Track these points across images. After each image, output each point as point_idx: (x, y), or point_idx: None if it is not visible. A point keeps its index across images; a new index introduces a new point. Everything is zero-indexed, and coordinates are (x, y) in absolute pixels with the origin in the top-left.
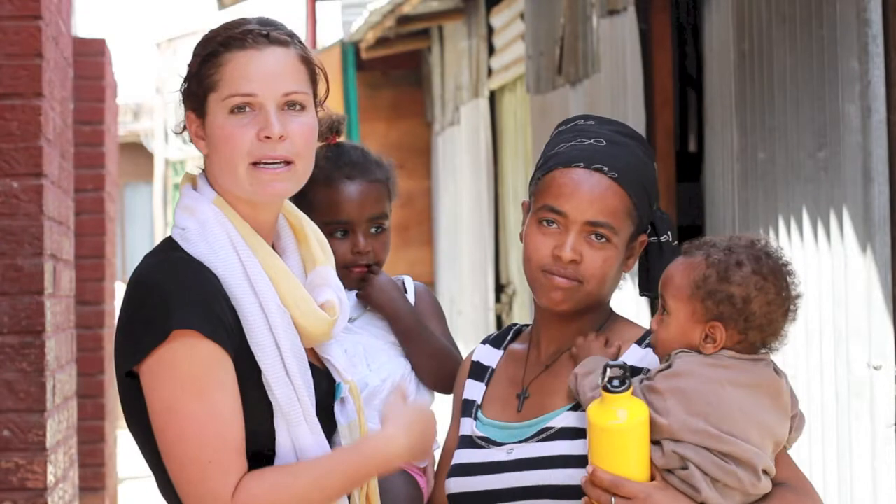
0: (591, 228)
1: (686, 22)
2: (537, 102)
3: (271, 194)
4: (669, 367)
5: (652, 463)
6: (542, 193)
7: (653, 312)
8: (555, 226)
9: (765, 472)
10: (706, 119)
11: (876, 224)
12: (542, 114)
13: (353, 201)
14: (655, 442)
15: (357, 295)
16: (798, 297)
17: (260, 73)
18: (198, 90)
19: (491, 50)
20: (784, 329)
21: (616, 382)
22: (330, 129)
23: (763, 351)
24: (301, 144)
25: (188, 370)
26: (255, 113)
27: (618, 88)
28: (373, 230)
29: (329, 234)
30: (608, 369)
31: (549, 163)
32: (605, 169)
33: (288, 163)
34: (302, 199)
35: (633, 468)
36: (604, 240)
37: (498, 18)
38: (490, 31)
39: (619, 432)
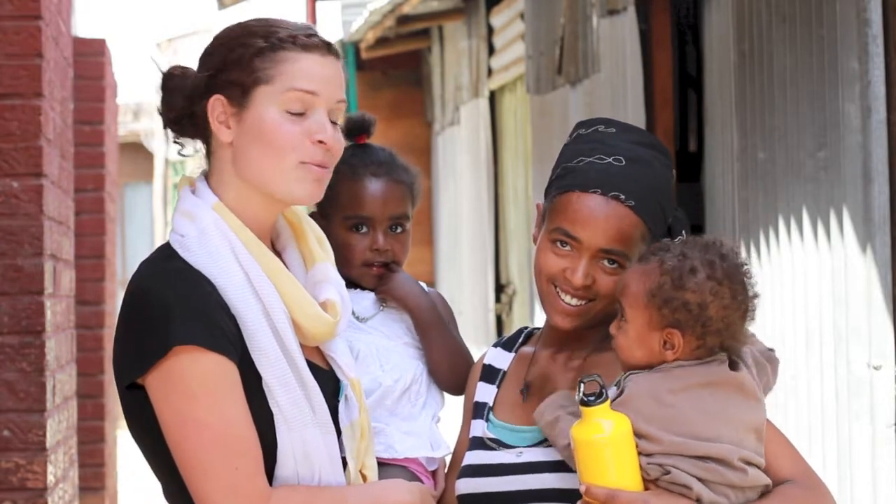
0: (603, 255)
1: (686, 22)
2: (537, 102)
3: (312, 196)
4: (621, 393)
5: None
6: (557, 215)
7: None
8: (568, 248)
9: (749, 463)
10: (706, 119)
11: (876, 224)
12: (542, 114)
13: (377, 198)
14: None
15: (378, 290)
16: (755, 297)
17: (324, 77)
18: (244, 80)
19: (491, 50)
20: (742, 331)
21: (592, 396)
22: (360, 129)
23: (721, 354)
24: (336, 153)
25: (198, 382)
26: (309, 115)
27: (618, 88)
28: (393, 229)
29: (349, 229)
30: (583, 384)
31: (566, 180)
32: (623, 197)
33: (328, 168)
34: (326, 193)
35: (625, 479)
36: (616, 265)
37: (498, 18)
38: (490, 31)
39: (606, 444)
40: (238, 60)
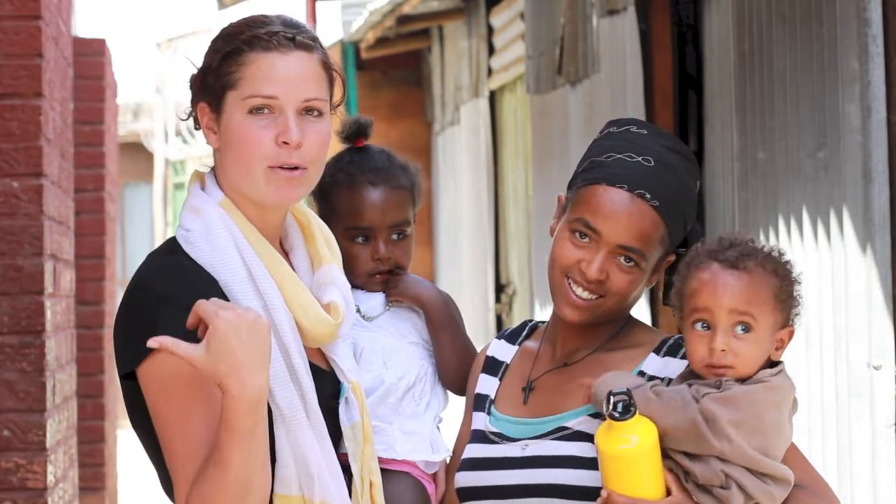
0: (621, 251)
1: (686, 22)
2: (537, 102)
3: (284, 199)
4: (719, 389)
5: (669, 476)
6: (581, 206)
7: (652, 309)
8: (587, 240)
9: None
10: (706, 119)
11: (876, 224)
12: (542, 114)
13: (376, 207)
14: (697, 456)
15: (390, 293)
16: None
17: (283, 77)
18: (215, 85)
19: (491, 50)
20: None
21: (621, 409)
22: (357, 133)
23: None
24: (316, 151)
25: (173, 380)
26: (274, 116)
27: (618, 88)
28: (394, 237)
29: (351, 240)
30: (612, 397)
31: (592, 173)
32: (648, 196)
33: (302, 169)
34: (325, 203)
35: (647, 489)
36: (632, 263)
37: (498, 18)
38: (490, 30)
39: (631, 457)
40: (210, 65)
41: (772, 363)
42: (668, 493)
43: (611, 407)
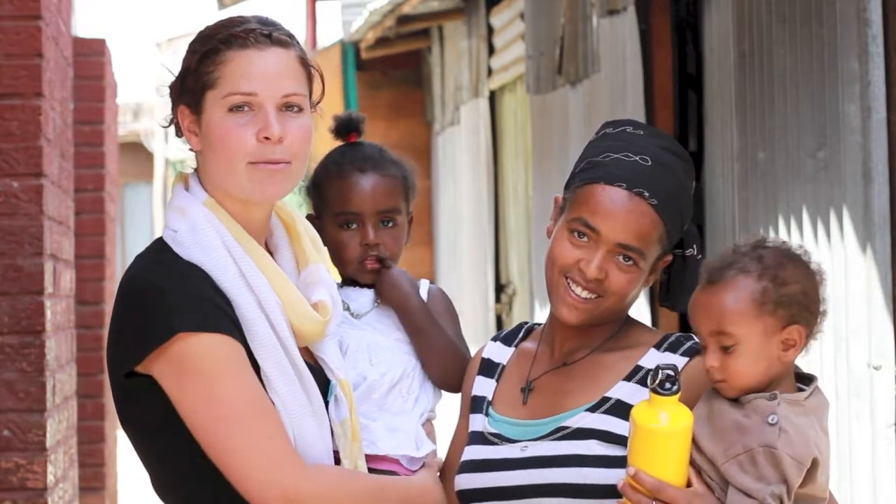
0: (620, 250)
1: (686, 22)
2: (537, 102)
3: (269, 195)
4: (798, 399)
5: (691, 468)
6: (579, 205)
7: (652, 310)
8: (585, 239)
9: None
10: (706, 119)
11: (876, 224)
12: (542, 114)
13: (364, 192)
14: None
15: (378, 291)
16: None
17: (261, 73)
18: (195, 86)
19: (491, 50)
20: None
21: (668, 385)
22: (348, 128)
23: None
24: (298, 146)
25: (210, 363)
26: (254, 113)
27: (618, 88)
28: (383, 224)
29: (340, 227)
30: (660, 371)
31: (590, 172)
32: (647, 194)
33: (285, 163)
34: (317, 194)
35: (671, 473)
36: (631, 262)
37: (498, 18)
38: (490, 30)
39: (663, 435)
40: (188, 67)
41: (801, 376)
42: (689, 484)
43: (656, 381)
